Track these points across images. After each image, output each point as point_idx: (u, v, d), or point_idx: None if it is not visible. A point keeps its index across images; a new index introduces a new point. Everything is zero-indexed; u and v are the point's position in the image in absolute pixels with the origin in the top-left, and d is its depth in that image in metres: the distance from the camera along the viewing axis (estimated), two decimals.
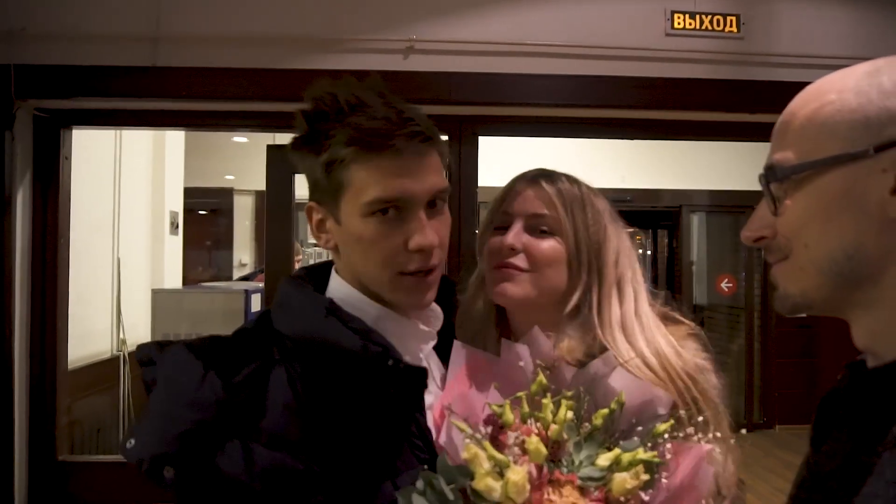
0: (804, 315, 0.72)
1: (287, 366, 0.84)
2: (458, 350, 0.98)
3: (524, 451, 0.76)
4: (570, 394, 0.82)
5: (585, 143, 4.77)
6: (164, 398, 0.80)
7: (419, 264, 0.87)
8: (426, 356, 0.98)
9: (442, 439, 0.87)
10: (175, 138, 3.86)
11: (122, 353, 3.22)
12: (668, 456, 0.80)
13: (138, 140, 3.49)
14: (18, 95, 2.20)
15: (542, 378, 0.84)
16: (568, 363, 0.96)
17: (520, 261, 1.01)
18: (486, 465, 0.74)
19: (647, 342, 0.98)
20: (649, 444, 0.80)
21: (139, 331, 3.37)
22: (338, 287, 0.93)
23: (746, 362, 5.88)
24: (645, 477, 0.75)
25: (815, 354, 5.69)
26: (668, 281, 6.95)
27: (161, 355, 0.84)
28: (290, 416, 0.80)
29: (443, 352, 1.01)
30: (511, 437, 0.78)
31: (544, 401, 0.81)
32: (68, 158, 2.40)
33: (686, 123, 2.51)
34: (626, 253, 1.06)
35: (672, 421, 0.83)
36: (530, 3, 2.33)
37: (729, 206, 5.68)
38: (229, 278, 5.99)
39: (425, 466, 0.83)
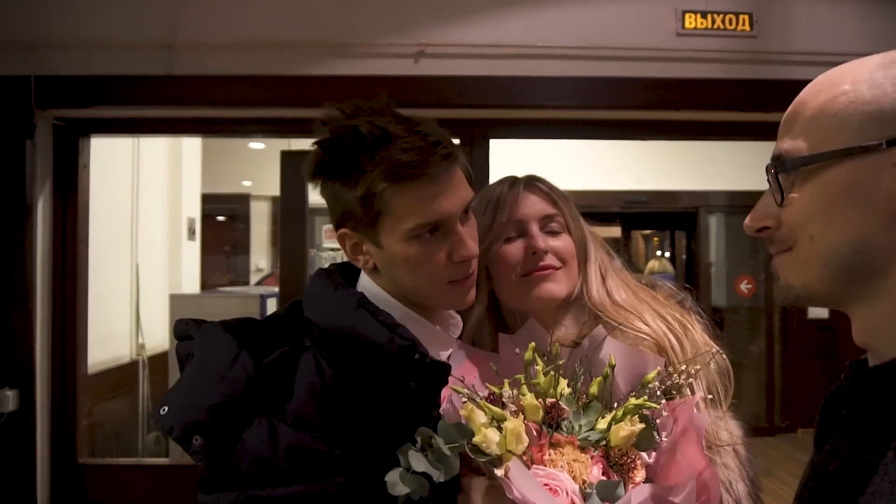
0: (826, 317, 0.71)
1: (315, 352, 0.88)
2: (459, 348, 1.02)
3: (520, 409, 0.81)
4: (560, 363, 0.87)
5: (600, 144, 4.75)
6: (198, 371, 0.84)
7: (465, 272, 0.93)
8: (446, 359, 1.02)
9: (443, 408, 0.90)
10: (192, 145, 3.91)
11: (140, 358, 3.27)
12: (665, 413, 0.84)
13: (156, 147, 3.54)
14: (39, 105, 2.25)
15: (531, 350, 0.88)
16: (563, 345, 0.99)
17: (552, 260, 1.06)
18: (483, 419, 0.78)
19: (635, 308, 1.04)
20: (640, 395, 0.84)
21: (157, 336, 3.41)
22: (367, 286, 0.98)
23: (767, 364, 5.80)
24: (640, 425, 0.78)
25: (837, 355, 5.60)
26: (687, 282, 6.87)
27: (199, 331, 0.89)
28: (315, 399, 0.84)
29: None
30: (506, 394, 0.83)
31: (538, 367, 0.86)
32: (87, 166, 2.45)
33: (700, 124, 2.50)
34: (591, 235, 1.13)
35: (658, 370, 0.87)
36: (540, 5, 2.33)
37: (747, 207, 5.40)
38: (247, 283, 6.05)
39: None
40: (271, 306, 3.09)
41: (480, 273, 1.06)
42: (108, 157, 2.97)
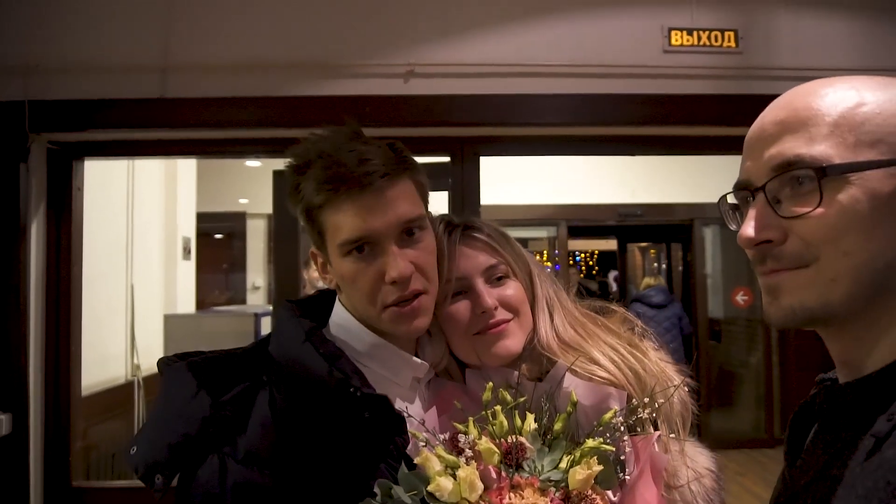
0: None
1: (272, 388, 0.90)
2: (435, 384, 1.03)
3: (477, 454, 0.80)
4: (522, 399, 0.87)
5: (594, 158, 4.78)
6: (161, 410, 0.89)
7: (398, 294, 0.91)
8: (422, 383, 1.01)
9: (409, 450, 0.89)
10: (187, 165, 3.94)
11: (136, 378, 3.27)
12: (628, 450, 0.84)
13: (151, 168, 3.56)
14: (32, 129, 2.27)
15: (489, 390, 0.87)
16: (529, 379, 0.98)
17: (503, 314, 1.02)
18: (438, 466, 0.78)
19: (582, 337, 1.01)
20: (604, 437, 0.83)
21: (153, 356, 3.40)
22: (338, 313, 0.99)
23: (765, 376, 5.79)
24: (598, 467, 0.77)
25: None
26: (684, 294, 6.89)
27: (167, 368, 0.93)
28: (266, 434, 0.86)
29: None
30: (462, 439, 0.82)
31: (497, 408, 0.84)
32: (81, 189, 2.46)
33: (688, 139, 2.52)
34: (535, 267, 1.09)
35: (615, 409, 0.86)
36: (528, 24, 2.36)
37: None
38: (243, 301, 6.05)
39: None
40: (266, 325, 3.10)
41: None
42: (103, 178, 2.99)
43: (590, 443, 0.80)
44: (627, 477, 0.82)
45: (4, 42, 2.27)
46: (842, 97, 0.61)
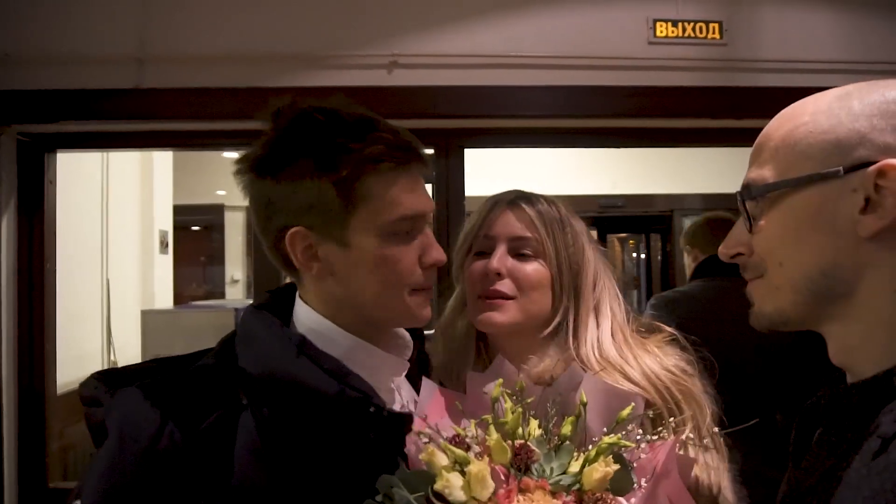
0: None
1: (255, 411, 0.77)
2: (426, 388, 0.96)
3: (487, 453, 0.76)
4: (529, 401, 0.83)
5: (576, 149, 4.77)
6: (116, 450, 0.72)
7: (429, 280, 0.87)
8: (398, 385, 0.95)
9: (407, 449, 0.84)
10: (163, 157, 3.85)
11: None
12: (643, 455, 0.80)
13: (125, 160, 3.47)
14: (2, 121, 2.19)
15: (498, 387, 0.83)
16: (536, 384, 0.95)
17: (505, 287, 1.00)
18: (445, 462, 0.73)
19: (624, 358, 0.98)
20: (615, 434, 0.79)
21: (130, 352, 3.34)
22: (307, 316, 0.86)
23: None
24: (615, 466, 0.74)
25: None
26: (663, 285, 6.93)
27: (112, 400, 0.76)
28: (258, 466, 0.74)
29: (412, 378, 0.99)
30: (470, 433, 0.77)
31: (506, 405, 0.80)
32: (53, 182, 2.39)
33: (672, 131, 2.51)
34: (603, 274, 1.06)
35: (632, 405, 0.83)
36: (513, 15, 2.34)
37: (721, 210, 5.67)
38: (222, 295, 5.97)
39: None
40: None
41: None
42: (76, 171, 2.91)
43: (607, 440, 0.76)
44: (644, 486, 0.78)
45: None
46: (789, 119, 0.66)
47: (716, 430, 0.94)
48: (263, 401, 0.77)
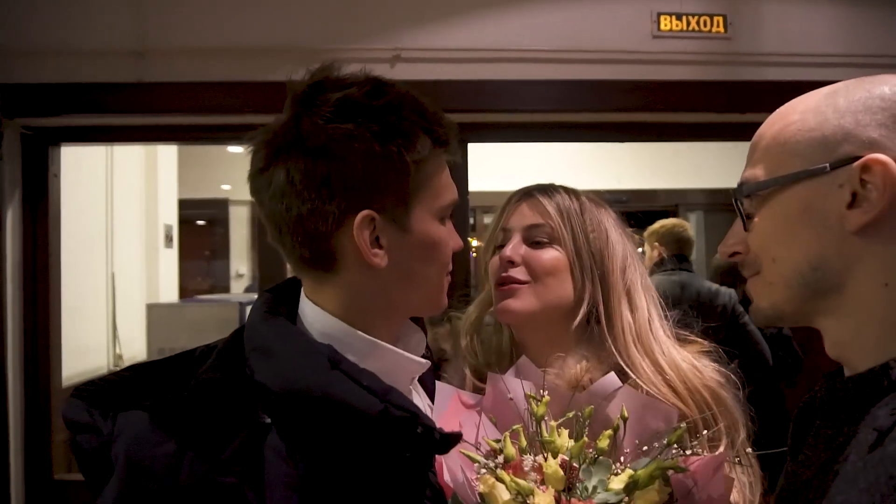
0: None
1: (279, 432, 0.68)
2: (441, 390, 0.93)
3: (542, 478, 0.72)
4: (570, 415, 0.80)
5: (579, 144, 4.76)
6: (130, 488, 0.63)
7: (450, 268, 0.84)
8: (413, 386, 0.90)
9: (447, 477, 0.80)
10: (168, 151, 3.86)
11: (118, 369, 3.21)
12: (688, 470, 0.78)
13: (130, 154, 3.49)
14: (6, 114, 2.20)
15: (544, 405, 0.80)
16: (566, 389, 0.91)
17: (520, 273, 0.99)
18: (506, 496, 0.69)
19: (663, 354, 0.96)
20: (665, 455, 0.77)
21: (136, 345, 3.36)
22: (318, 319, 0.77)
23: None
24: (668, 489, 0.73)
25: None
26: None
27: (114, 426, 0.66)
28: (293, 493, 0.66)
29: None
30: (528, 462, 0.73)
31: (552, 423, 0.77)
32: (57, 175, 2.40)
33: (676, 125, 2.51)
34: (634, 262, 1.04)
35: (682, 426, 0.81)
36: (516, 9, 2.33)
37: (726, 204, 5.50)
38: (227, 289, 5.99)
39: None
40: None
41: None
42: (81, 165, 2.92)
43: (660, 462, 0.73)
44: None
45: None
46: (780, 118, 0.67)
47: (749, 449, 0.93)
48: (290, 421, 0.68)
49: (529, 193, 1.06)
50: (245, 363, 0.72)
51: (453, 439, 0.70)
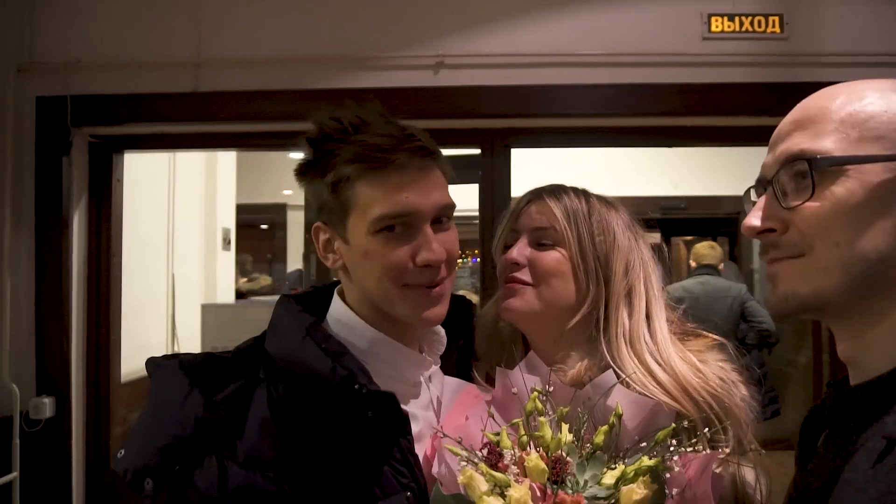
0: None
1: (270, 385, 0.84)
2: (449, 386, 0.97)
3: (524, 471, 0.74)
4: (565, 410, 0.81)
5: (632, 149, 4.67)
6: (151, 412, 0.83)
7: (427, 279, 0.87)
8: (426, 380, 0.97)
9: (435, 469, 0.85)
10: (226, 157, 4.02)
11: None
12: (676, 469, 0.78)
13: (191, 160, 3.64)
14: (74, 124, 2.34)
15: (535, 400, 0.82)
16: (568, 386, 0.92)
17: (524, 274, 1.02)
18: (484, 486, 0.72)
19: (655, 357, 0.96)
20: (653, 453, 0.78)
21: (193, 344, 3.50)
22: (337, 308, 0.94)
23: (814, 374, 5.56)
24: (653, 486, 0.73)
25: None
26: None
27: (156, 368, 0.86)
28: (266, 436, 0.81)
29: (462, 372, 1.02)
30: (507, 455, 0.76)
31: (541, 419, 0.79)
32: (120, 181, 2.53)
33: (729, 129, 2.42)
34: (639, 264, 1.03)
35: (672, 426, 0.81)
36: (560, 13, 2.31)
37: None
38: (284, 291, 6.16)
39: (408, 493, 0.82)
40: None
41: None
42: (144, 170, 3.08)
43: (646, 461, 0.74)
44: (675, 498, 0.76)
45: (46, 39, 2.34)
46: (851, 97, 0.64)
47: (755, 445, 0.91)
48: (279, 378, 0.85)
49: (538, 195, 1.07)
50: None
51: (386, 397, 0.82)
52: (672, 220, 6.34)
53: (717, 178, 5.42)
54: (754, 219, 0.66)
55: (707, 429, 0.85)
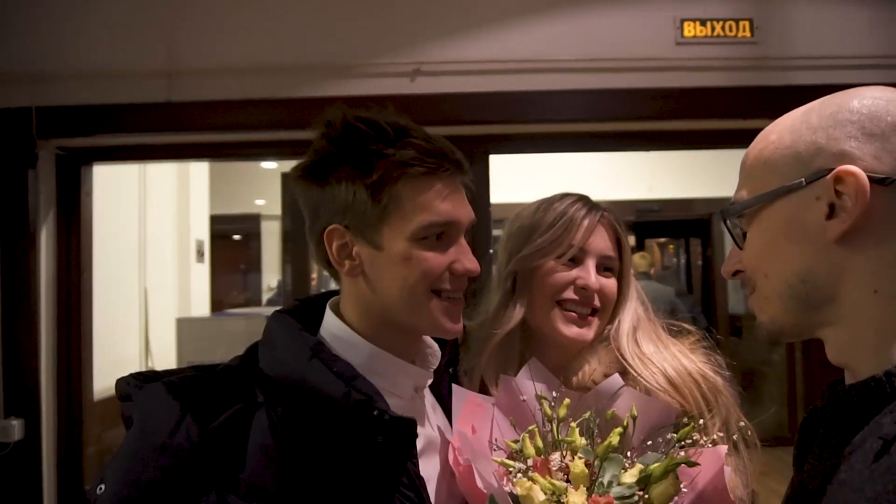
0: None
1: (269, 410, 0.79)
2: (457, 393, 0.97)
3: (567, 477, 0.77)
4: (587, 415, 0.84)
5: (609, 153, 4.71)
6: (137, 440, 0.76)
7: (456, 287, 0.87)
8: (419, 394, 0.95)
9: (483, 486, 0.83)
10: (199, 168, 3.95)
11: None
12: (700, 465, 0.82)
13: (162, 172, 3.58)
14: (40, 135, 2.27)
15: (547, 409, 0.85)
16: (576, 390, 0.96)
17: (596, 301, 1.04)
18: (541, 497, 0.74)
19: (661, 352, 1.02)
20: (674, 450, 0.81)
21: (168, 358, 3.42)
22: (332, 323, 0.89)
23: (788, 372, 5.67)
24: (677, 482, 0.77)
25: None
26: (704, 290, 6.79)
27: (138, 392, 0.79)
28: (269, 463, 0.76)
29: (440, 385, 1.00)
30: (555, 461, 0.79)
31: (572, 424, 0.82)
32: (90, 194, 2.47)
33: (703, 133, 2.45)
34: (636, 286, 1.11)
35: (691, 424, 0.85)
36: (537, 19, 2.32)
37: None
38: (259, 302, 6.08)
39: None
40: None
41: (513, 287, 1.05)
42: (115, 182, 3.01)
43: (675, 458, 0.78)
44: (684, 490, 0.80)
45: (11, 49, 2.28)
46: (761, 139, 0.70)
47: (742, 423, 0.96)
48: (278, 401, 0.80)
49: (602, 216, 1.07)
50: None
51: (408, 423, 0.79)
52: (647, 223, 6.45)
53: (690, 181, 5.50)
54: (727, 263, 0.74)
55: (702, 419, 0.90)
